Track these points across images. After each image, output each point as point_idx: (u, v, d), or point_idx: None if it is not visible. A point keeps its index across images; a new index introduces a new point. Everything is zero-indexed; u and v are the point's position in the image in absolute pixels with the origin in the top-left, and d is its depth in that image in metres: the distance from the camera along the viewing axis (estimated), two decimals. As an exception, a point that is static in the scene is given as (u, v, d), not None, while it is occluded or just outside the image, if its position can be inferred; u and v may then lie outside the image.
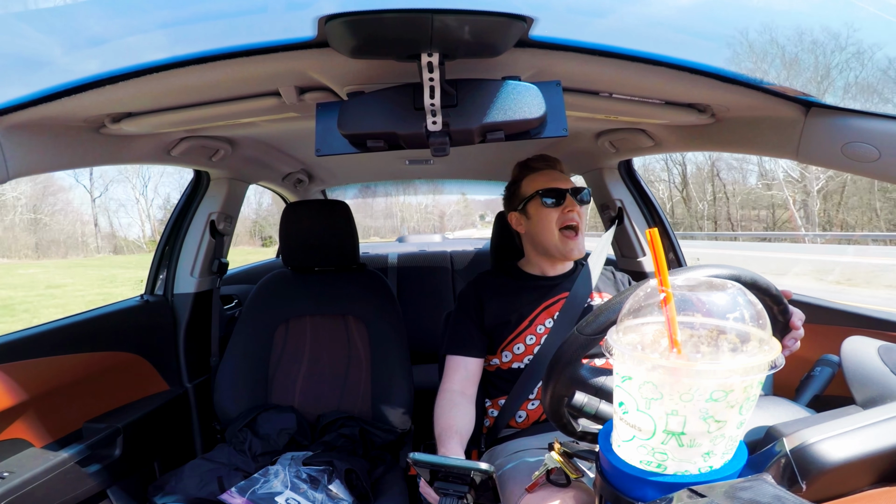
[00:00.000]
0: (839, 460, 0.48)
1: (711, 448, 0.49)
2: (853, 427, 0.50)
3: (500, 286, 1.31)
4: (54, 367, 1.22)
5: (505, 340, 1.26)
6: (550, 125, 0.87)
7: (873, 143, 0.85)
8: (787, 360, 0.50)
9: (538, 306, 1.27)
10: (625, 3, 0.86)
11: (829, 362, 0.78)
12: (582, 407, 0.75)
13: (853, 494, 0.50)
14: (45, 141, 0.99)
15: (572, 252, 1.24)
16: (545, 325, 1.25)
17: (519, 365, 1.24)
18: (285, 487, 1.14)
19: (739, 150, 1.20)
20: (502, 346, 1.26)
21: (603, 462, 0.57)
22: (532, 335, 1.25)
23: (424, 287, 2.72)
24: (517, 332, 1.25)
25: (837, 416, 0.53)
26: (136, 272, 15.73)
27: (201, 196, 1.73)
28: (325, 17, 0.73)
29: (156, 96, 1.00)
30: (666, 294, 0.50)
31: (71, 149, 1.07)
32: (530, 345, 1.24)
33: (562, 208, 1.24)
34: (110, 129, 1.10)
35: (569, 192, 1.25)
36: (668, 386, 0.47)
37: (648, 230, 0.54)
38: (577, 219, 1.24)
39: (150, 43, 0.85)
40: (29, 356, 1.17)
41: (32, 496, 1.05)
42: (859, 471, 0.49)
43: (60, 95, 0.90)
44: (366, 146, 0.90)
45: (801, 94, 0.92)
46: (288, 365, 1.52)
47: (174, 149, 1.35)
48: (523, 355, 1.24)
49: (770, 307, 0.70)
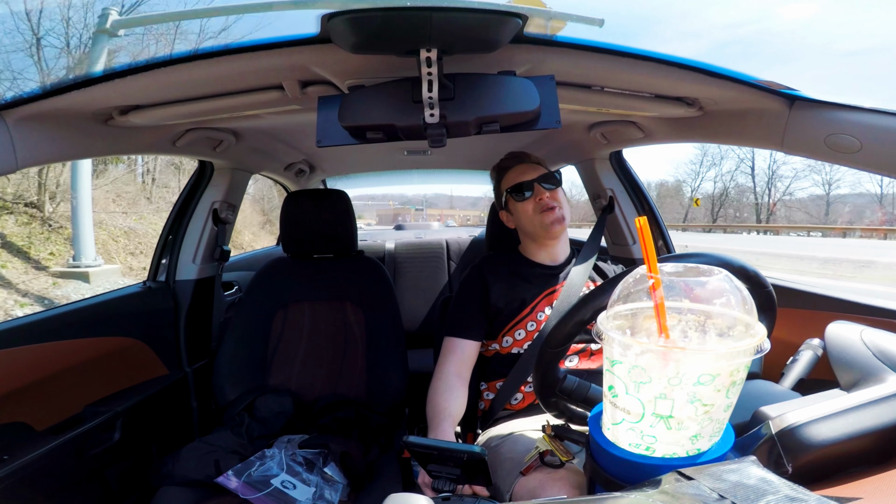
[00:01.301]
0: (824, 442, 0.49)
1: (699, 431, 0.49)
2: (837, 409, 0.51)
3: (505, 271, 1.33)
4: (55, 351, 1.23)
5: (507, 325, 1.27)
6: (544, 117, 0.90)
7: (855, 134, 0.88)
8: (773, 344, 0.51)
9: (540, 293, 1.29)
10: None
11: (813, 346, 0.79)
12: (572, 391, 0.76)
13: (838, 475, 0.51)
14: (54, 132, 1.00)
15: (554, 227, 1.27)
16: (545, 313, 1.27)
17: (519, 350, 1.26)
18: (281, 470, 1.15)
19: (726, 141, 1.23)
20: (504, 331, 1.28)
21: (593, 445, 0.58)
22: (533, 322, 1.27)
23: (421, 274, 2.74)
24: (519, 318, 1.27)
25: (822, 399, 0.54)
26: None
27: (205, 185, 1.76)
28: (327, 14, 0.75)
29: (163, 89, 1.02)
30: (654, 280, 0.51)
31: (78, 140, 1.08)
32: (531, 331, 1.26)
33: (533, 197, 1.29)
34: (118, 121, 1.11)
35: (535, 182, 1.29)
36: (656, 370, 0.48)
37: (637, 218, 0.55)
38: (549, 202, 1.27)
39: (159, 38, 0.87)
40: (31, 341, 1.17)
41: (32, 479, 1.06)
42: (844, 452, 0.50)
43: (70, 88, 0.92)
44: (365, 137, 0.92)
45: (785, 88, 0.95)
46: (286, 349, 1.54)
47: (179, 140, 1.37)
48: (524, 341, 1.26)
49: (756, 293, 0.72)
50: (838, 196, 30.51)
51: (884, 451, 0.51)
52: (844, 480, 0.49)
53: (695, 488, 0.40)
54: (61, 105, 0.96)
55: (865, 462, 0.51)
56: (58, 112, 0.98)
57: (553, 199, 1.28)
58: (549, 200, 1.27)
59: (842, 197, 30.41)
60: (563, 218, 1.28)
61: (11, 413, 1.12)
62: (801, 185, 32.84)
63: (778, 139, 1.01)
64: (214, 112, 1.19)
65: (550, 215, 1.27)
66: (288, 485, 1.12)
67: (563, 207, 1.29)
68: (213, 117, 1.28)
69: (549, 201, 1.27)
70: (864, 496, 0.45)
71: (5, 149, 0.90)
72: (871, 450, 0.51)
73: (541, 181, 1.29)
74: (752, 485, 0.40)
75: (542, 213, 1.28)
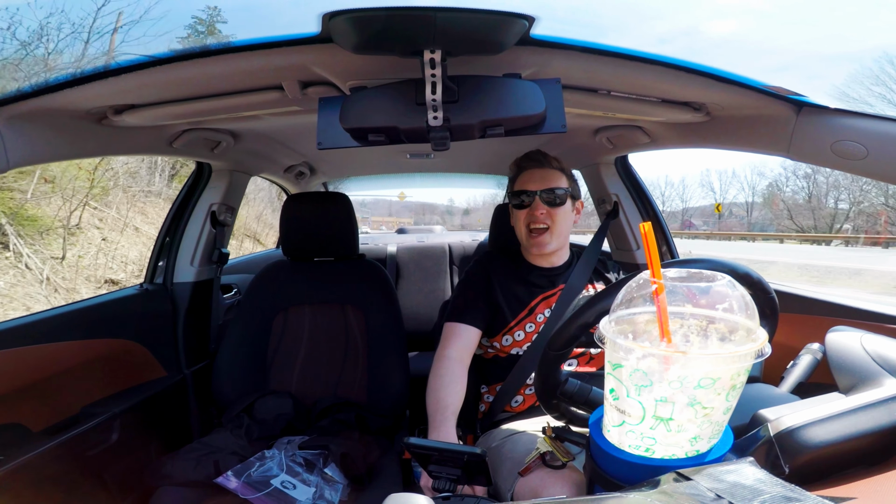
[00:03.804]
0: (821, 443, 0.50)
1: (698, 433, 0.50)
2: (834, 412, 0.52)
3: (507, 269, 1.34)
4: (52, 353, 1.22)
5: (506, 326, 1.28)
6: (549, 121, 0.89)
7: (861, 141, 0.87)
8: (774, 348, 0.52)
9: (538, 295, 1.29)
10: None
11: (813, 351, 0.80)
12: (573, 394, 0.77)
13: (834, 476, 0.52)
14: (47, 132, 0.99)
15: (532, 249, 1.28)
16: (544, 315, 1.27)
17: (518, 351, 1.26)
18: (281, 471, 1.15)
19: (733, 147, 1.22)
20: (504, 331, 1.28)
21: (593, 446, 0.59)
22: (532, 323, 1.27)
23: (422, 277, 2.75)
24: (519, 319, 1.28)
25: (819, 402, 0.55)
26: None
27: (203, 187, 1.74)
28: (328, 13, 0.73)
29: (159, 89, 1.00)
30: (658, 285, 0.51)
31: (72, 139, 1.07)
32: (529, 332, 1.27)
33: (529, 210, 1.27)
34: (112, 120, 1.10)
35: (538, 195, 1.26)
36: (657, 374, 0.49)
37: (642, 224, 0.55)
38: (541, 220, 1.25)
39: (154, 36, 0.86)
40: (28, 342, 1.17)
41: (29, 480, 1.06)
42: (840, 453, 0.51)
43: (63, 87, 0.90)
44: (367, 140, 0.91)
45: (792, 94, 0.94)
46: (286, 352, 1.54)
47: (176, 141, 1.36)
48: (523, 342, 1.27)
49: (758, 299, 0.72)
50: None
51: (879, 453, 0.52)
52: (840, 481, 0.50)
53: (692, 488, 0.41)
54: (54, 103, 0.94)
55: (861, 463, 0.52)
56: (50, 111, 0.96)
57: (548, 217, 1.26)
58: (542, 218, 1.25)
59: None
60: (549, 243, 1.26)
61: (8, 414, 1.11)
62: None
63: (784, 145, 1.01)
64: (212, 112, 1.17)
65: (536, 240, 1.26)
66: (288, 485, 1.12)
67: (560, 227, 1.27)
68: (211, 118, 1.27)
69: (542, 219, 1.25)
70: (858, 496, 0.45)
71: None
72: (866, 451, 0.52)
73: (543, 195, 1.26)
74: (749, 485, 0.40)
75: (530, 233, 1.27)
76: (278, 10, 0.87)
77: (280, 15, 0.86)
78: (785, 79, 0.90)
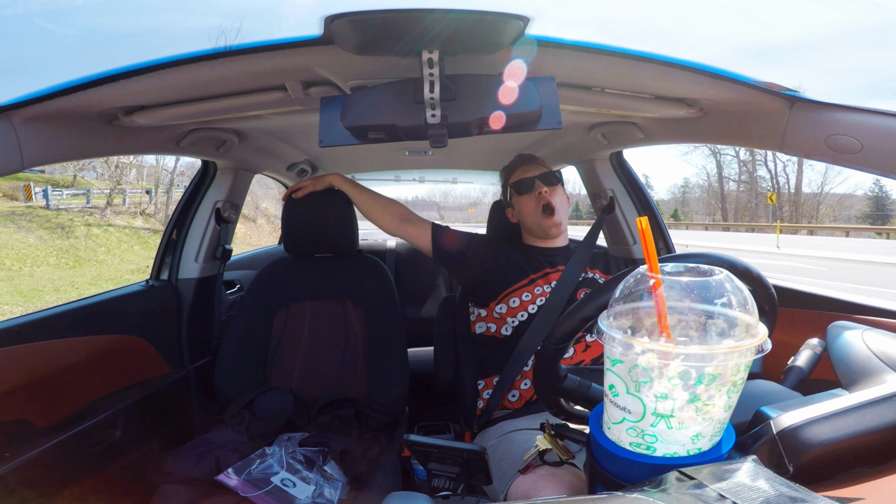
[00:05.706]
0: (825, 441, 0.49)
1: (700, 430, 0.49)
2: (838, 409, 0.51)
3: (510, 247, 1.43)
4: (57, 349, 1.23)
5: (502, 291, 1.34)
6: (545, 118, 0.91)
7: (856, 135, 0.87)
8: (774, 344, 0.51)
9: (539, 270, 1.36)
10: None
11: (813, 346, 0.79)
12: (572, 390, 0.76)
13: (840, 475, 0.51)
14: (60, 132, 1.01)
15: (551, 229, 1.38)
16: (543, 289, 1.32)
17: (513, 321, 1.31)
18: (281, 468, 1.15)
19: (726, 141, 1.24)
20: (500, 297, 1.34)
21: (593, 444, 0.58)
22: (528, 293, 1.32)
23: (421, 273, 2.75)
24: (517, 287, 1.34)
25: (823, 398, 0.54)
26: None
27: (208, 185, 1.77)
28: (330, 16, 0.75)
29: (168, 90, 1.03)
30: (655, 280, 0.50)
31: (83, 140, 1.09)
32: (526, 301, 1.31)
33: (534, 192, 1.38)
34: (122, 121, 1.12)
35: (537, 178, 1.40)
36: (657, 370, 0.48)
37: (638, 218, 0.55)
38: (548, 197, 1.37)
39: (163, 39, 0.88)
40: (33, 339, 1.18)
41: (34, 476, 1.06)
42: (845, 452, 0.50)
43: (76, 90, 0.92)
44: (367, 137, 0.93)
45: (785, 89, 0.95)
46: (287, 348, 1.55)
47: (183, 140, 1.39)
48: (517, 310, 1.32)
49: (757, 294, 0.71)
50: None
51: (885, 451, 0.51)
52: (846, 481, 0.49)
53: (696, 488, 0.40)
54: (67, 105, 0.96)
55: (867, 462, 0.51)
56: (63, 112, 0.98)
57: (551, 195, 1.37)
58: (546, 196, 1.36)
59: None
60: (560, 223, 1.38)
61: (13, 410, 1.12)
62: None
63: (778, 140, 1.01)
64: (218, 112, 1.20)
65: (550, 219, 1.36)
66: (288, 482, 1.12)
67: (561, 206, 1.38)
68: (217, 118, 1.30)
69: (546, 196, 1.36)
70: (866, 497, 0.45)
71: (11, 148, 0.90)
72: (872, 449, 0.51)
73: (541, 178, 1.39)
74: (754, 485, 0.40)
75: (542, 215, 1.37)
76: (282, 14, 0.90)
77: (284, 19, 0.88)
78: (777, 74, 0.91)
